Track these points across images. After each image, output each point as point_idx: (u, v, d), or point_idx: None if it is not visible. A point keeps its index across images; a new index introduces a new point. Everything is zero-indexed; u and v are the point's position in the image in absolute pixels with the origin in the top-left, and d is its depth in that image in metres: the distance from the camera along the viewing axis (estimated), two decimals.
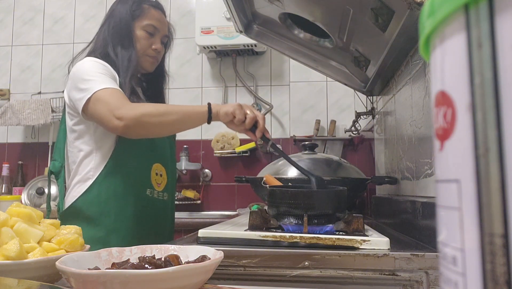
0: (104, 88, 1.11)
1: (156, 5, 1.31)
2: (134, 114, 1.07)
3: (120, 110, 1.07)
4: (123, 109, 1.07)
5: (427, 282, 0.71)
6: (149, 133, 1.13)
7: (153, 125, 1.09)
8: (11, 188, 2.59)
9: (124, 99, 1.11)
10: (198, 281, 0.49)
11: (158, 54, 1.31)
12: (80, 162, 1.20)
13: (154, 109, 1.11)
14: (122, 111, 1.07)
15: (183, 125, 1.13)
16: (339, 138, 2.30)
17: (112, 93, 1.11)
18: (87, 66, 1.17)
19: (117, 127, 1.08)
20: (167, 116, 1.09)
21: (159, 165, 1.29)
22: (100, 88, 1.11)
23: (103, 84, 1.12)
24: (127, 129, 1.07)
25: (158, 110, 1.10)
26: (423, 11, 0.20)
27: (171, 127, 1.13)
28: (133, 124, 1.07)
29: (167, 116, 1.09)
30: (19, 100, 2.65)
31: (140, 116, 1.07)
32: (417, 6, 0.80)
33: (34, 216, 0.64)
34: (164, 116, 1.09)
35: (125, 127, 1.07)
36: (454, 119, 0.18)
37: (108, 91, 1.11)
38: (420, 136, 1.01)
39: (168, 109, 1.11)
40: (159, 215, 1.30)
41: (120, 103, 1.09)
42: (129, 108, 1.08)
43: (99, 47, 1.25)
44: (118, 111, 1.07)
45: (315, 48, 1.47)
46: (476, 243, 0.17)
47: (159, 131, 1.15)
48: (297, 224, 0.87)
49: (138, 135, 1.14)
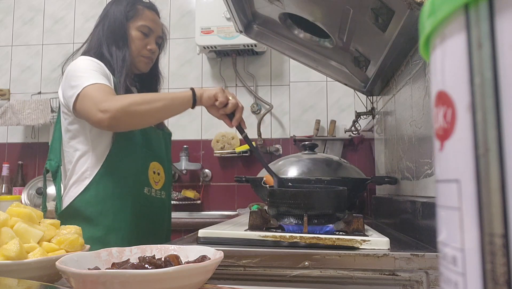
0: (92, 84, 1.11)
1: (150, 6, 1.32)
2: (120, 104, 1.06)
3: (105, 103, 1.06)
4: (107, 102, 1.06)
5: (427, 282, 0.71)
6: (136, 123, 1.12)
7: (140, 114, 1.08)
8: (11, 188, 2.59)
9: (109, 93, 1.10)
10: (198, 281, 0.49)
11: (152, 55, 1.31)
12: (76, 162, 1.19)
13: (140, 98, 1.10)
14: (107, 104, 1.06)
15: (169, 111, 1.13)
16: (339, 138, 2.30)
17: (99, 88, 1.10)
18: (80, 64, 1.17)
19: (102, 121, 1.06)
20: (153, 103, 1.09)
21: (156, 164, 1.29)
22: (88, 84, 1.11)
23: (91, 80, 1.11)
24: (113, 121, 1.06)
25: (144, 98, 1.10)
26: (423, 11, 0.20)
27: (158, 114, 1.12)
28: (119, 115, 1.05)
29: (153, 103, 1.09)
30: (19, 100, 2.65)
31: (126, 106, 1.06)
32: (417, 6, 0.80)
33: (34, 216, 0.64)
34: (151, 103, 1.09)
35: (111, 119, 1.05)
36: (454, 119, 0.18)
37: (95, 86, 1.10)
38: (420, 136, 1.01)
39: (153, 97, 1.11)
40: (157, 213, 1.30)
41: (104, 97, 1.08)
42: (114, 100, 1.07)
43: (93, 47, 1.25)
44: (103, 104, 1.06)
45: (315, 48, 1.47)
46: (476, 243, 0.17)
47: (147, 120, 1.14)
48: (297, 224, 0.87)
49: (126, 127, 1.12)
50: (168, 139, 1.42)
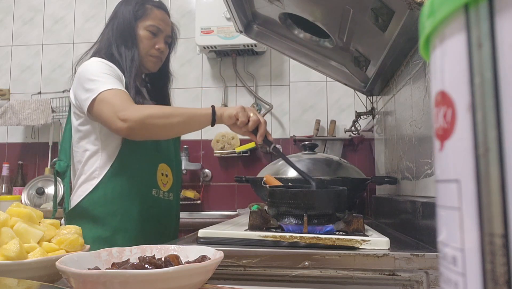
0: (109, 89, 1.11)
1: (159, 5, 1.32)
2: (138, 116, 1.06)
3: (124, 112, 1.07)
4: (127, 111, 1.07)
5: (427, 282, 0.71)
6: (153, 135, 1.13)
7: (157, 127, 1.09)
8: (11, 188, 2.59)
9: (128, 100, 1.11)
10: (198, 281, 0.49)
11: (161, 54, 1.31)
12: (86, 162, 1.20)
13: (159, 111, 1.10)
14: (127, 113, 1.07)
15: (187, 127, 1.14)
16: (339, 138, 2.30)
17: (117, 94, 1.11)
18: (93, 66, 1.17)
19: (121, 129, 1.07)
20: (171, 118, 1.09)
21: (164, 165, 1.30)
22: (105, 89, 1.11)
23: (108, 85, 1.12)
24: (131, 131, 1.07)
25: (163, 112, 1.10)
26: (423, 11, 0.20)
27: (175, 129, 1.13)
28: (138, 126, 1.06)
29: (171, 118, 1.09)
30: (19, 100, 2.65)
31: (144, 118, 1.07)
32: (417, 6, 0.80)
33: (34, 216, 0.64)
34: (169, 118, 1.09)
35: (129, 129, 1.06)
36: (454, 119, 0.18)
37: (113, 92, 1.11)
38: (420, 136, 1.01)
39: (172, 112, 1.11)
40: (165, 215, 1.30)
41: (124, 105, 1.08)
42: (133, 110, 1.08)
43: (103, 48, 1.26)
44: (122, 113, 1.07)
45: (315, 48, 1.47)
46: (476, 243, 0.16)
47: (163, 134, 1.15)
48: (297, 224, 0.87)
49: (142, 137, 1.14)
50: (177, 142, 1.42)
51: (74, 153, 1.24)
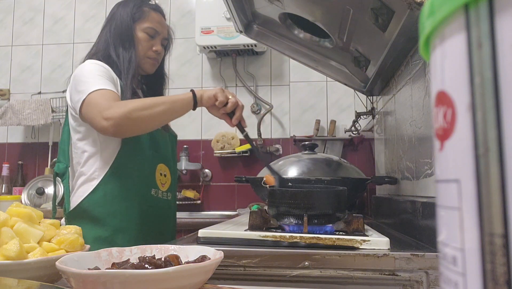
0: (97, 90, 1.11)
1: (156, 8, 1.33)
2: (121, 112, 1.06)
3: (108, 111, 1.07)
4: (110, 109, 1.07)
5: (427, 282, 0.71)
6: (140, 129, 1.13)
7: (142, 119, 1.09)
8: (11, 188, 2.59)
9: (113, 99, 1.11)
10: (198, 281, 0.49)
11: (158, 56, 1.33)
12: (85, 163, 1.20)
13: (141, 103, 1.11)
14: (110, 111, 1.07)
15: (171, 114, 1.14)
16: (339, 138, 2.30)
17: (104, 94, 1.11)
18: (86, 68, 1.18)
19: (106, 128, 1.07)
20: (155, 108, 1.10)
21: (163, 165, 1.31)
22: (93, 89, 1.11)
23: (97, 85, 1.12)
24: (116, 128, 1.07)
25: (145, 103, 1.10)
26: (423, 11, 0.20)
27: (160, 118, 1.13)
28: (123, 122, 1.06)
29: (155, 108, 1.10)
30: (19, 100, 2.65)
31: (127, 113, 1.06)
32: (417, 6, 0.80)
33: (34, 216, 0.64)
34: (152, 108, 1.09)
35: (114, 126, 1.06)
36: (454, 119, 0.18)
37: (100, 92, 1.11)
38: (420, 136, 1.01)
39: (154, 102, 1.12)
40: (163, 215, 1.31)
41: (108, 104, 1.08)
42: (115, 107, 1.08)
43: (101, 49, 1.26)
44: (106, 112, 1.07)
45: (315, 48, 1.47)
46: (476, 243, 0.16)
47: (150, 125, 1.15)
48: (297, 224, 0.87)
49: (131, 133, 1.13)
50: (174, 142, 1.43)
51: (73, 154, 1.24)
